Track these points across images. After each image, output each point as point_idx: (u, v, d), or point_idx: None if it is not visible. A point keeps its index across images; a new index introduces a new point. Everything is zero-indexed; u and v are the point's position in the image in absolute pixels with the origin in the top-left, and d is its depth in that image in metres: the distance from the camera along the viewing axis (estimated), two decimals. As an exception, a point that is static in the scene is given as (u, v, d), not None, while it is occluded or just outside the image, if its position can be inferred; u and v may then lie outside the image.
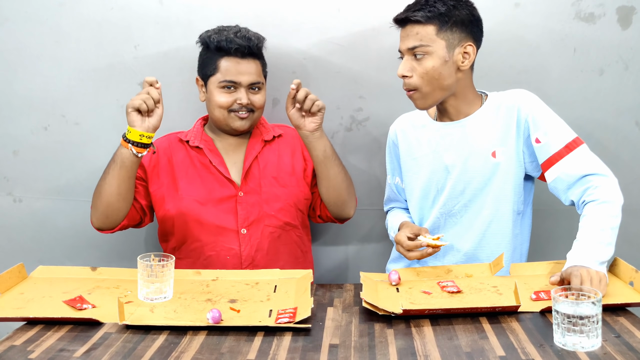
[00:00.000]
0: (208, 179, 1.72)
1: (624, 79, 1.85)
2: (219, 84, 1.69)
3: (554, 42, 1.85)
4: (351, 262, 2.01)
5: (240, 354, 1.15)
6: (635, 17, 1.82)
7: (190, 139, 1.76)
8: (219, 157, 1.74)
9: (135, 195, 1.70)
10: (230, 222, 1.70)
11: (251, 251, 1.70)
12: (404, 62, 1.54)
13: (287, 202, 1.73)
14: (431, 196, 1.66)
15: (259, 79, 1.72)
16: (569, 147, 1.51)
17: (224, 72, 1.69)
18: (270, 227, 1.72)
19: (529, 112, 1.55)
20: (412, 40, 1.52)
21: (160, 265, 1.39)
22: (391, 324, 1.27)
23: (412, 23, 1.52)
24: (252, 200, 1.71)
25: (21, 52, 1.94)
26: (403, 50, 1.55)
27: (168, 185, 1.73)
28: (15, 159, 1.99)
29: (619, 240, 1.91)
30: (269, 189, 1.73)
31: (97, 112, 1.96)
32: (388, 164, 1.78)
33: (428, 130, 1.66)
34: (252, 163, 1.74)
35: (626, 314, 1.28)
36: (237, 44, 1.67)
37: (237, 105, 1.69)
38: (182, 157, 1.75)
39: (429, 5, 1.51)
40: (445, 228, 1.64)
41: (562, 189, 1.51)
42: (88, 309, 1.34)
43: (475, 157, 1.58)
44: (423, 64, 1.52)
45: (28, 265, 1.56)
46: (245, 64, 1.69)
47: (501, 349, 1.14)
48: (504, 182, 1.58)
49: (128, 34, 1.92)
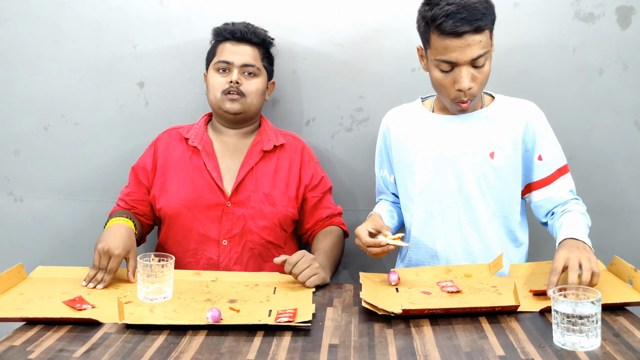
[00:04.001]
0: (199, 183, 1.71)
1: (623, 79, 1.85)
2: (214, 66, 1.73)
3: (553, 42, 1.85)
4: (351, 262, 2.01)
5: (240, 354, 1.15)
6: (634, 17, 1.82)
7: (191, 137, 1.76)
8: (214, 161, 1.73)
9: (143, 209, 1.75)
10: (213, 231, 1.69)
11: (229, 263, 1.69)
12: (466, 74, 1.45)
13: (272, 222, 1.71)
14: (424, 188, 1.62)
15: (254, 62, 1.73)
16: (560, 171, 1.58)
17: (219, 54, 1.73)
18: (252, 243, 1.70)
19: (537, 127, 1.56)
20: (476, 50, 1.43)
21: (160, 265, 1.39)
22: (391, 324, 1.27)
23: (472, 32, 1.42)
24: (238, 213, 1.70)
25: (21, 52, 1.94)
26: (463, 61, 1.44)
27: (161, 185, 1.73)
28: (16, 159, 1.99)
29: (619, 240, 1.93)
30: (257, 204, 1.70)
31: (97, 112, 1.96)
32: (377, 156, 1.76)
33: (425, 122, 1.63)
34: (247, 174, 1.72)
35: (625, 314, 1.28)
36: (235, 28, 1.73)
37: (229, 85, 1.70)
38: (179, 156, 1.75)
39: (484, 8, 1.42)
40: (437, 226, 1.61)
41: (548, 208, 1.58)
42: (87, 309, 1.34)
43: (472, 153, 1.57)
44: (483, 71, 1.46)
45: (28, 265, 1.56)
46: (241, 47, 1.73)
47: (501, 349, 1.14)
48: (501, 184, 1.57)
49: (128, 34, 1.92)
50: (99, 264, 1.49)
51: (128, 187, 1.78)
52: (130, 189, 1.77)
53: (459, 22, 1.41)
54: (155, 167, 1.75)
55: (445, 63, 1.46)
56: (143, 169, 1.76)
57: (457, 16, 1.41)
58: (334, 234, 1.75)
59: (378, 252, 1.47)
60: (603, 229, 1.89)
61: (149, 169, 1.75)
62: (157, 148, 1.77)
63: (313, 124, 1.95)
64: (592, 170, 1.89)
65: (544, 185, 1.57)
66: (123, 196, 1.77)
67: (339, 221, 1.82)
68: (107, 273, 1.49)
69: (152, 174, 1.75)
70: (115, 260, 1.49)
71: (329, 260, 1.63)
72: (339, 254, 1.72)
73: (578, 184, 1.59)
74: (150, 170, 1.75)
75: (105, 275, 1.49)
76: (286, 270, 1.48)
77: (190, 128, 1.78)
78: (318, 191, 1.79)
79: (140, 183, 1.76)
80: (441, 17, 1.42)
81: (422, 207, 1.63)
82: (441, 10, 1.42)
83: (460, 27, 1.41)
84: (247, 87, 1.72)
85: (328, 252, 1.65)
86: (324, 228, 1.78)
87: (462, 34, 1.41)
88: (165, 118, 1.93)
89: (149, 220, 1.78)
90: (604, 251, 1.74)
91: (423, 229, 1.63)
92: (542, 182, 1.57)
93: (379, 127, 1.74)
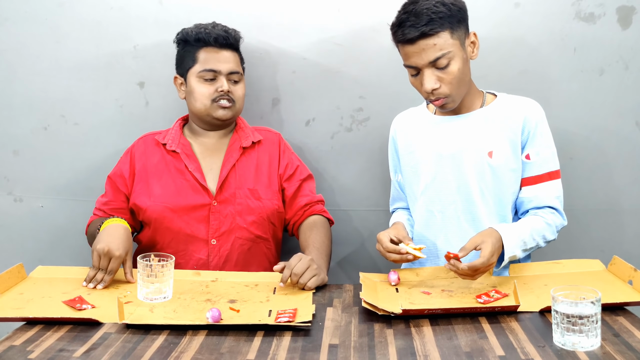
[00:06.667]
0: (182, 185, 1.71)
1: (624, 79, 1.85)
2: (199, 75, 1.70)
3: (554, 42, 1.85)
4: (351, 263, 2.01)
5: (240, 354, 1.15)
6: (635, 17, 1.82)
7: (168, 142, 1.75)
8: (195, 162, 1.73)
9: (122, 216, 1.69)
10: (200, 232, 1.69)
11: (219, 262, 1.69)
12: (429, 76, 1.48)
13: (261, 216, 1.72)
14: (425, 188, 1.63)
15: (238, 68, 1.73)
16: (550, 176, 1.56)
17: (203, 62, 1.71)
18: (241, 239, 1.70)
19: (532, 126, 1.56)
20: (431, 53, 1.46)
21: (160, 265, 1.39)
22: (391, 324, 1.27)
23: (425, 37, 1.45)
24: (225, 211, 1.70)
25: (21, 52, 1.94)
26: (422, 65, 1.48)
27: (142, 191, 1.72)
28: (16, 159, 1.99)
29: (619, 240, 1.92)
30: (244, 200, 1.71)
31: (97, 112, 1.96)
32: (390, 161, 1.78)
33: (426, 123, 1.65)
34: (230, 172, 1.72)
35: (625, 314, 1.28)
36: (216, 34, 1.70)
37: (218, 93, 1.69)
38: (157, 161, 1.74)
39: (433, 13, 1.45)
40: (438, 224, 1.62)
41: (526, 207, 1.58)
42: (87, 309, 1.34)
43: (471, 152, 1.57)
44: (449, 71, 1.48)
45: (28, 265, 1.56)
46: (224, 53, 1.71)
47: (500, 349, 1.14)
48: (500, 183, 1.57)
49: (127, 34, 1.92)
50: (98, 264, 1.49)
51: (105, 196, 1.77)
52: (108, 198, 1.76)
53: (407, 30, 1.46)
54: (133, 173, 1.74)
55: (410, 68, 1.51)
56: (120, 177, 1.75)
57: (406, 23, 1.46)
58: (319, 226, 1.73)
59: (397, 259, 1.48)
60: (603, 229, 1.90)
61: (126, 176, 1.74)
62: (134, 154, 1.76)
63: (313, 124, 1.95)
64: (592, 170, 1.88)
65: (527, 184, 1.57)
66: (100, 205, 1.76)
67: (321, 209, 1.80)
68: (108, 274, 1.49)
69: (131, 181, 1.74)
70: (116, 261, 1.49)
71: (323, 257, 1.62)
72: (329, 246, 1.71)
73: (578, 184, 1.59)
74: (128, 177, 1.74)
75: (105, 276, 1.49)
76: (285, 274, 1.46)
77: (166, 133, 1.78)
78: (294, 180, 1.78)
79: (118, 191, 1.75)
80: (394, 26, 1.50)
81: (424, 205, 1.64)
82: (396, 20, 1.50)
83: (407, 34, 1.46)
84: (235, 94, 1.72)
85: (320, 249, 1.64)
86: (305, 218, 1.77)
87: (413, 40, 1.46)
88: (165, 118, 1.93)
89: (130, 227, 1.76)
90: (604, 251, 1.74)
91: (424, 227, 1.64)
92: (526, 180, 1.57)
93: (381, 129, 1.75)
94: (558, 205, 1.56)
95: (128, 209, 1.75)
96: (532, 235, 1.50)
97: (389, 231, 1.53)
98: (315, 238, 1.68)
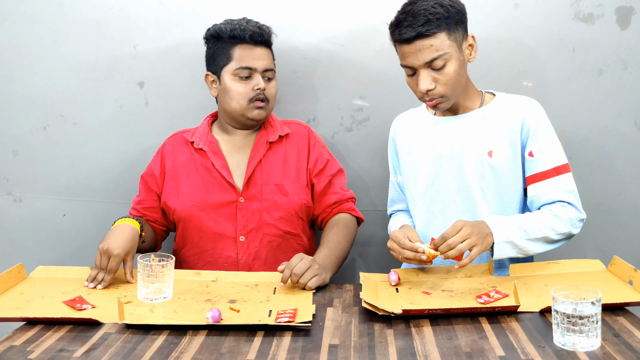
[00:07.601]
0: (210, 183, 1.71)
1: (623, 79, 1.85)
2: (234, 72, 1.67)
3: (553, 42, 1.85)
4: (351, 263, 2.01)
5: (240, 354, 1.15)
6: (634, 17, 1.82)
7: (196, 140, 1.75)
8: (222, 159, 1.72)
9: (154, 215, 1.75)
10: (228, 229, 1.69)
11: (249, 259, 1.69)
12: (424, 77, 1.49)
13: (288, 211, 1.70)
14: (425, 188, 1.63)
15: (272, 65, 1.72)
16: (557, 170, 1.54)
17: (239, 59, 1.68)
18: (269, 235, 1.69)
19: (532, 123, 1.55)
20: (428, 53, 1.46)
21: (160, 265, 1.39)
22: (391, 324, 1.27)
23: (422, 38, 1.46)
24: (252, 208, 1.69)
25: (20, 52, 1.94)
26: (418, 65, 1.48)
27: (171, 190, 1.73)
28: (15, 159, 1.99)
29: (619, 240, 1.93)
30: (271, 196, 1.70)
31: (96, 111, 1.96)
32: (390, 162, 1.77)
33: (425, 124, 1.65)
34: (256, 168, 1.71)
35: (625, 314, 1.28)
36: (251, 30, 1.67)
37: (254, 92, 1.67)
38: (185, 160, 1.74)
39: (430, 14, 1.45)
40: (438, 225, 1.61)
41: (537, 205, 1.55)
42: (88, 309, 1.34)
43: (470, 152, 1.57)
44: (445, 72, 1.49)
45: (28, 265, 1.56)
46: (259, 50, 1.69)
47: (501, 349, 1.14)
48: (500, 183, 1.57)
49: (127, 34, 1.92)
50: (99, 263, 1.49)
51: (139, 195, 1.78)
52: (141, 197, 1.77)
53: (404, 30, 1.47)
54: (163, 172, 1.75)
55: (406, 68, 1.52)
56: (152, 176, 1.76)
57: (404, 23, 1.47)
58: (342, 225, 1.71)
59: (410, 257, 1.45)
60: (603, 229, 1.90)
61: (157, 175, 1.75)
62: (164, 154, 1.77)
63: (313, 124, 1.95)
64: (592, 170, 1.89)
65: (535, 181, 1.55)
66: (134, 205, 1.78)
67: (350, 207, 1.78)
68: (107, 273, 1.49)
69: (161, 180, 1.75)
70: (115, 260, 1.49)
71: (333, 257, 1.61)
72: (345, 247, 1.68)
73: (577, 184, 1.59)
74: (159, 176, 1.75)
75: (105, 275, 1.49)
76: (285, 274, 1.45)
77: (194, 131, 1.78)
78: (324, 175, 1.76)
79: (150, 190, 1.76)
80: (392, 26, 1.51)
81: (425, 207, 1.64)
82: (394, 19, 1.50)
83: (404, 34, 1.47)
84: (269, 92, 1.71)
85: (332, 249, 1.63)
86: (333, 216, 1.76)
87: (410, 40, 1.47)
88: (165, 118, 1.93)
89: (161, 226, 1.78)
90: (604, 251, 1.75)
91: (425, 228, 1.64)
92: (533, 178, 1.55)
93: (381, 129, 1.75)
94: (570, 198, 1.52)
95: (159, 208, 1.76)
96: (535, 224, 1.47)
97: (403, 231, 1.52)
98: (331, 237, 1.67)
